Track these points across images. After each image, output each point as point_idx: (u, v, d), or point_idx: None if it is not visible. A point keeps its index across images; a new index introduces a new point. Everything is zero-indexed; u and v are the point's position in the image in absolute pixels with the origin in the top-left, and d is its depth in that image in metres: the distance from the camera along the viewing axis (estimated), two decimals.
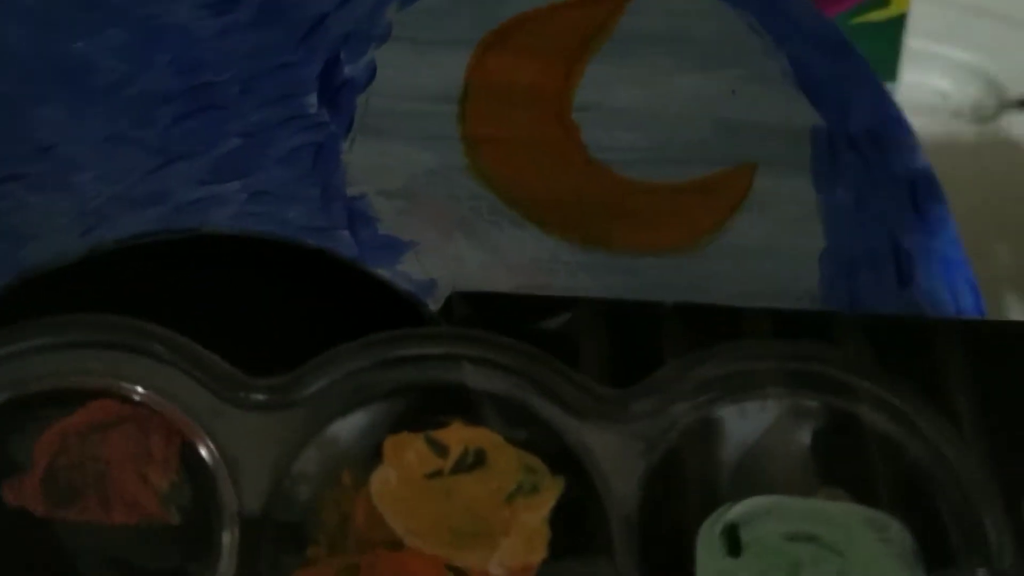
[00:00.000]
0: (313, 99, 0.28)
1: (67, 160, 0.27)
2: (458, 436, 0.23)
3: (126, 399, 0.22)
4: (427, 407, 0.23)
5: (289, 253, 0.27)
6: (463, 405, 0.23)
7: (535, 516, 0.23)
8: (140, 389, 0.22)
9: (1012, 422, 0.25)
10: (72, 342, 0.22)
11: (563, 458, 0.23)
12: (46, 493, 0.22)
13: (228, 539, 0.22)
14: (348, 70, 0.29)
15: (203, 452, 0.22)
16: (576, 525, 0.23)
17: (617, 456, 0.23)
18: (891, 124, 0.30)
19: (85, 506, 0.22)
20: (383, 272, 0.27)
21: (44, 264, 0.26)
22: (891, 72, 0.40)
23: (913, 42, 0.41)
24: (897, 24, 0.41)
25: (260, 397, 0.22)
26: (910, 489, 0.24)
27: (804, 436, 0.24)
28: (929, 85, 0.42)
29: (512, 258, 0.27)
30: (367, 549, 0.22)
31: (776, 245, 0.28)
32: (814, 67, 0.30)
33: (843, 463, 0.24)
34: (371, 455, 0.23)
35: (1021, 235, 0.39)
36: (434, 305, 0.26)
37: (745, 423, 0.24)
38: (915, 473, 0.24)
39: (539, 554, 0.22)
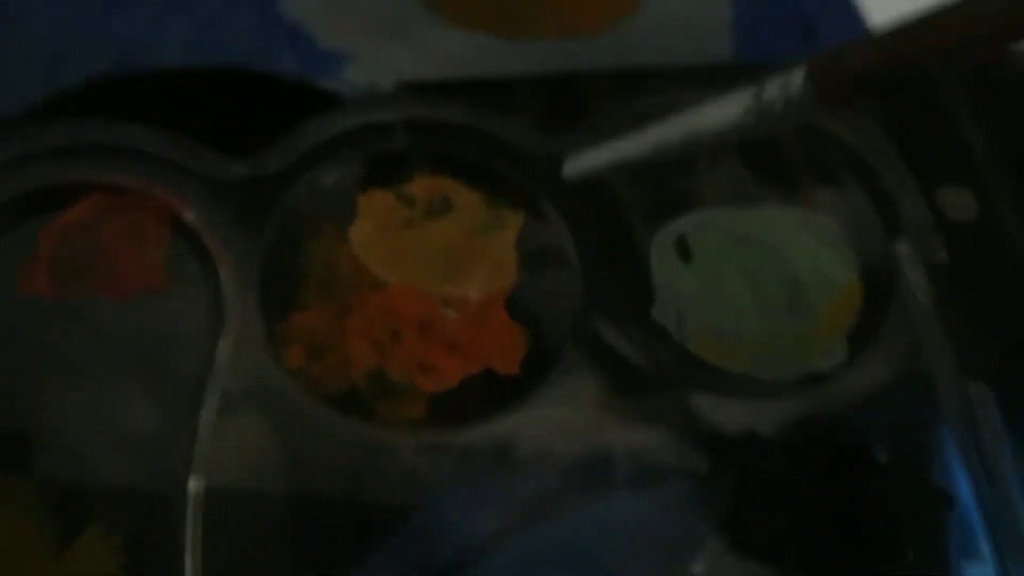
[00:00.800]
0: None
1: (20, 12, 0.29)
2: (423, 187, 0.25)
3: (117, 190, 0.24)
4: (392, 165, 0.25)
5: (239, 81, 0.29)
6: (424, 161, 0.25)
7: (502, 246, 0.25)
8: (129, 178, 0.24)
9: (924, 123, 0.27)
10: (62, 145, 0.24)
11: (519, 194, 0.25)
12: (53, 276, 0.23)
13: (228, 292, 0.23)
14: None
15: (193, 224, 0.24)
16: (539, 249, 0.25)
17: (564, 185, 0.25)
18: None
19: (90, 283, 0.23)
20: (328, 83, 0.29)
21: (11, 109, 0.27)
22: None
23: None
24: None
25: (239, 170, 0.24)
26: (831, 185, 0.26)
27: (738, 149, 0.26)
28: None
29: (445, 57, 0.29)
30: (354, 292, 0.24)
31: (688, 15, 0.31)
32: None
33: (775, 172, 0.26)
34: (348, 211, 0.25)
35: None
36: None
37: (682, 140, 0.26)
38: (833, 172, 0.26)
39: (510, 277, 0.25)
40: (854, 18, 0.32)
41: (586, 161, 0.24)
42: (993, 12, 0.17)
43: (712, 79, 0.28)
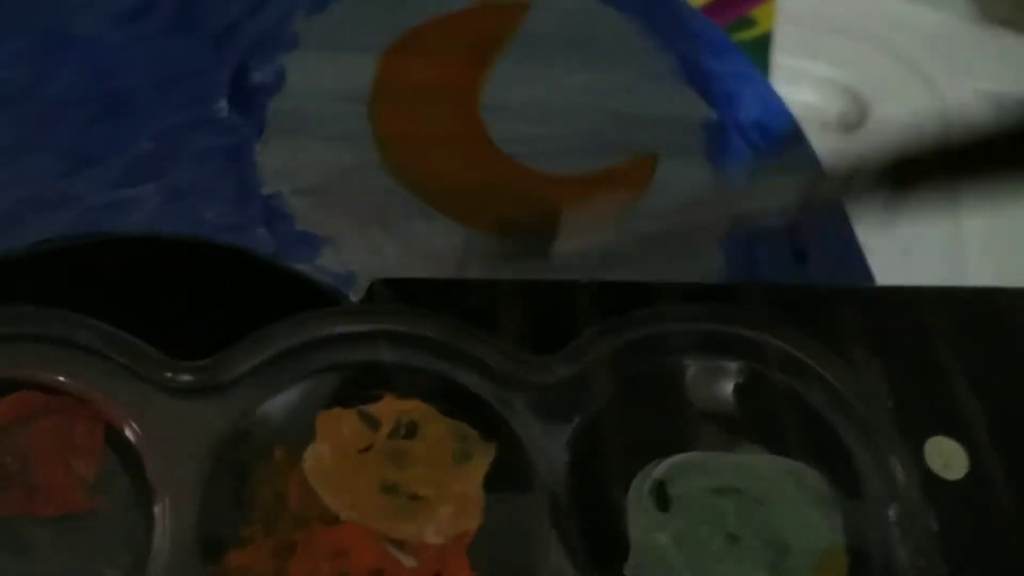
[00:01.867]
0: (224, 103, 0.29)
1: None
2: (391, 409, 0.23)
3: (48, 388, 0.22)
4: (358, 383, 0.23)
5: (205, 253, 0.27)
6: (393, 379, 0.23)
7: (470, 483, 0.23)
8: (62, 378, 0.22)
9: (909, 376, 0.26)
10: None
11: (493, 425, 0.23)
12: None
13: (160, 525, 0.21)
14: (257, 75, 0.29)
15: (129, 436, 0.22)
16: (510, 489, 0.23)
17: (544, 420, 0.23)
18: (777, 115, 0.32)
19: (10, 499, 0.21)
20: (302, 267, 0.27)
21: None
22: None
23: (780, 59, 0.44)
24: (764, 43, 0.44)
25: (187, 378, 0.22)
26: (821, 437, 0.25)
27: (722, 394, 0.25)
28: (797, 99, 0.44)
29: (428, 249, 0.28)
30: (303, 526, 0.22)
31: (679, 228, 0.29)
32: (702, 64, 0.32)
33: (760, 418, 0.25)
34: (304, 431, 0.23)
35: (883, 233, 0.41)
36: (355, 296, 0.27)
37: (664, 383, 0.25)
38: (824, 422, 0.25)
39: (476, 520, 0.23)
40: (847, 240, 0.31)
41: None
42: None
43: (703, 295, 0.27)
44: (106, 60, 0.29)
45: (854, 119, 0.44)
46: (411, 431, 0.23)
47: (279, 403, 0.23)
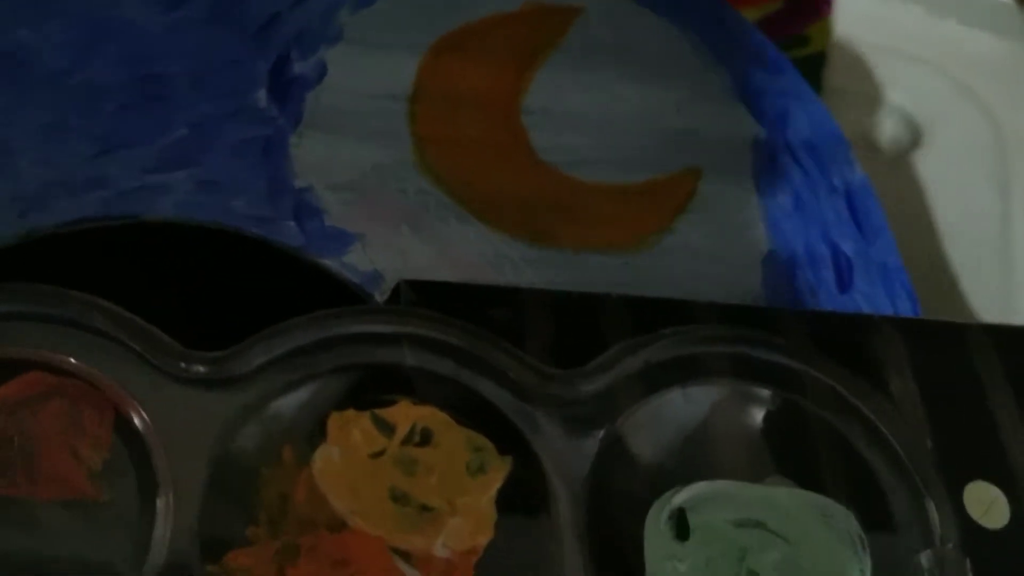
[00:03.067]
0: (263, 94, 0.28)
1: (4, 145, 0.27)
2: (405, 414, 0.22)
3: (59, 371, 0.22)
4: (373, 385, 0.23)
5: (232, 242, 0.27)
6: (410, 384, 0.23)
7: (482, 496, 0.22)
8: (73, 360, 0.22)
9: (952, 414, 0.25)
10: (4, 312, 0.22)
11: (510, 438, 0.23)
12: None
13: (162, 518, 0.21)
14: (298, 67, 0.29)
15: (138, 425, 0.21)
16: (524, 505, 0.22)
17: (565, 437, 0.22)
18: (828, 136, 0.31)
19: (12, 481, 0.21)
20: (328, 263, 0.27)
21: None
22: None
23: (832, 79, 0.43)
24: (818, 62, 0.43)
25: (200, 369, 0.22)
26: (855, 474, 0.24)
27: (752, 422, 0.24)
28: (849, 120, 0.43)
29: (458, 253, 0.27)
30: (308, 530, 0.21)
31: (720, 247, 0.28)
32: (754, 81, 0.31)
33: (790, 449, 0.24)
34: (314, 432, 0.22)
35: (932, 261, 0.40)
36: (380, 296, 0.26)
37: (692, 407, 0.24)
38: (860, 458, 0.24)
39: (486, 535, 0.22)
40: (891, 267, 0.30)
41: None
42: None
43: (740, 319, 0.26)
44: (147, 46, 0.28)
45: (907, 143, 0.43)
46: (425, 439, 0.22)
47: (292, 400, 0.22)
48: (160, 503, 0.21)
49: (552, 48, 0.30)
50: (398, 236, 0.27)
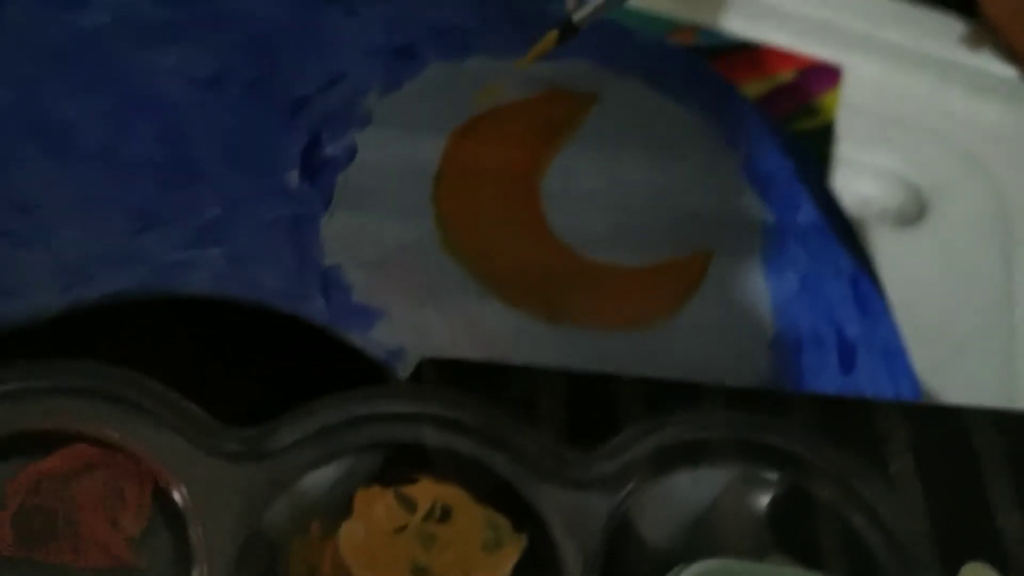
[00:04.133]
0: (294, 174, 0.30)
1: (49, 220, 0.28)
2: (427, 492, 0.24)
3: (102, 444, 0.23)
4: (398, 462, 0.24)
5: (263, 317, 0.28)
6: (432, 462, 0.24)
7: (497, 572, 0.23)
8: (116, 435, 0.23)
9: (950, 496, 0.26)
10: (52, 387, 0.23)
11: (526, 515, 0.24)
12: (17, 532, 0.22)
13: None
14: (329, 149, 0.30)
15: (176, 498, 0.22)
16: None
17: (578, 515, 0.24)
18: (834, 220, 0.32)
19: (55, 548, 0.22)
20: (354, 338, 0.28)
21: (24, 318, 0.26)
22: None
23: (840, 149, 0.44)
24: (827, 132, 0.44)
25: (234, 447, 0.23)
26: (853, 553, 0.25)
27: (755, 502, 0.25)
28: (856, 189, 0.44)
29: (478, 329, 0.28)
30: None
31: (729, 328, 0.30)
32: (764, 164, 0.32)
33: (792, 528, 0.25)
34: (341, 507, 0.23)
35: (936, 331, 0.41)
36: (403, 371, 0.27)
37: (700, 488, 0.25)
38: (858, 538, 0.25)
39: None
40: (893, 349, 0.31)
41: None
42: None
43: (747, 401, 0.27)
44: (183, 124, 0.30)
45: (913, 213, 0.44)
46: (445, 515, 0.24)
47: (320, 477, 0.23)
48: (195, 572, 0.22)
49: (570, 132, 0.32)
50: (421, 312, 0.28)
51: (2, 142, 0.29)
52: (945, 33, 0.47)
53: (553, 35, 0.28)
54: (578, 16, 0.28)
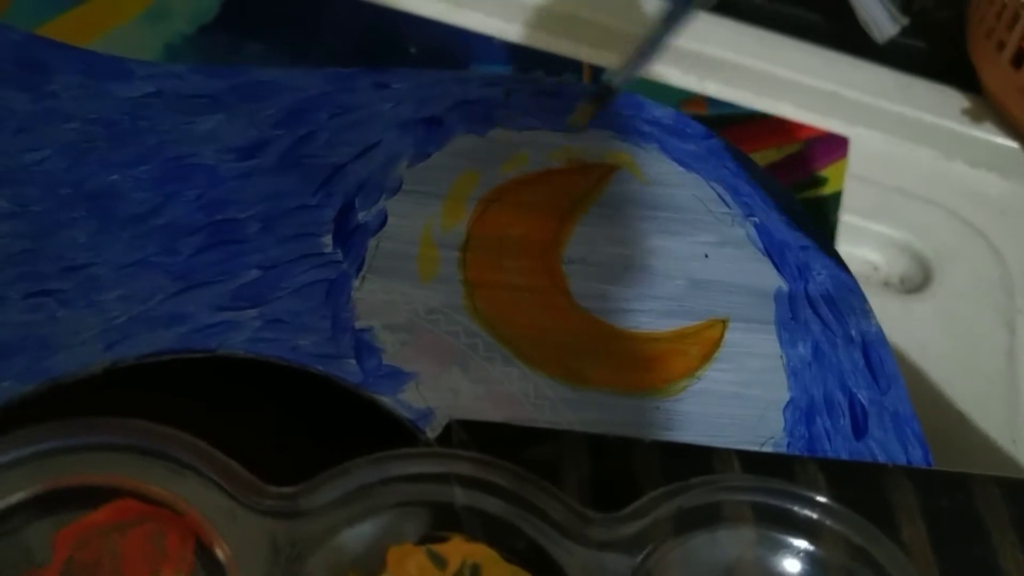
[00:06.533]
0: (328, 239, 0.31)
1: (95, 280, 0.29)
2: (457, 550, 0.25)
3: (146, 499, 0.24)
4: (430, 520, 0.25)
5: (298, 378, 0.29)
6: (463, 522, 0.25)
7: None
8: (160, 490, 0.24)
9: (959, 559, 0.27)
10: (99, 443, 0.24)
11: (552, 574, 0.25)
12: None
13: None
14: (361, 216, 0.31)
15: (218, 554, 0.23)
16: None
17: (601, 574, 0.24)
18: (845, 289, 0.33)
19: None
20: (385, 400, 0.29)
21: (68, 374, 0.28)
22: None
23: (847, 218, 0.45)
24: (833, 201, 0.46)
25: (274, 504, 0.24)
26: None
27: (771, 564, 0.26)
28: (860, 257, 0.46)
29: (503, 392, 0.30)
30: None
31: (744, 394, 0.31)
32: (777, 235, 0.34)
33: None
34: (375, 564, 0.24)
35: (941, 396, 0.42)
36: (431, 432, 0.28)
37: (718, 549, 0.26)
38: None
39: None
40: (903, 415, 0.32)
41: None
42: None
43: (761, 465, 0.28)
44: (223, 190, 0.31)
45: (917, 281, 0.46)
46: (475, 573, 0.25)
47: (355, 534, 0.24)
48: None
49: (591, 202, 0.33)
50: (449, 375, 0.29)
51: (52, 206, 0.30)
52: (949, 106, 0.49)
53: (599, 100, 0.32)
54: (617, 80, 0.33)
